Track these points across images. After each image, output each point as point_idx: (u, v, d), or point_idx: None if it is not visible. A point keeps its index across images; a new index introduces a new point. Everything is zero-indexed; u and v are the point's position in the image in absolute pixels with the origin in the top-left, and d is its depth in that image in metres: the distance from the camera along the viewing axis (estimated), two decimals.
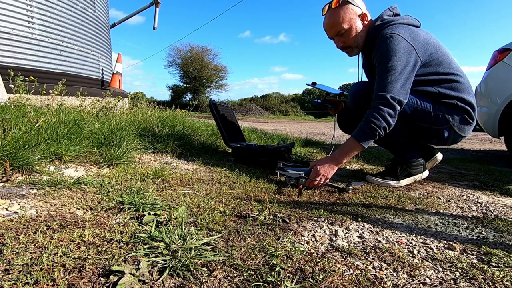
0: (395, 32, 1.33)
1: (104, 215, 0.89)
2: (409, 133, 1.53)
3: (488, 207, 1.23)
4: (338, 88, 2.15)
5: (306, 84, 1.86)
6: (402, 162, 1.56)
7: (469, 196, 1.40)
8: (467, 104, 1.43)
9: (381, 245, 0.82)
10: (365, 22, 1.46)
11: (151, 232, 0.77)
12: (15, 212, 0.85)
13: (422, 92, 1.44)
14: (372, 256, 0.76)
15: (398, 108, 1.30)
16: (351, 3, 1.41)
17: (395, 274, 0.67)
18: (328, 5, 1.46)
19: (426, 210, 1.16)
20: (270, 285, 0.60)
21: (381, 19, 1.44)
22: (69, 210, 0.90)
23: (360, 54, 1.62)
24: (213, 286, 0.59)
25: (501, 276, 0.67)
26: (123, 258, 0.65)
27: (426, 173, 1.63)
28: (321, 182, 1.35)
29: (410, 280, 0.65)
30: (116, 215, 0.90)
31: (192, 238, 0.75)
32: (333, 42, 1.54)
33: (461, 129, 1.46)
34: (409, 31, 1.35)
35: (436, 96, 1.43)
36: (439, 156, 1.69)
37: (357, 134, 1.35)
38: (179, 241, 0.73)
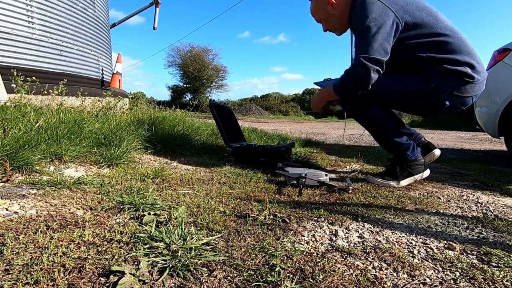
0: None
1: (104, 215, 0.89)
2: (417, 111, 1.55)
3: (488, 207, 1.23)
4: None
5: (314, 83, 1.90)
6: (401, 162, 1.56)
7: (469, 196, 1.40)
8: (461, 64, 1.35)
9: (381, 245, 0.82)
10: (335, 6, 1.49)
11: (151, 232, 0.77)
12: (15, 212, 0.85)
13: (411, 67, 1.42)
14: (372, 256, 0.76)
15: (372, 66, 1.28)
16: None
17: (395, 274, 0.67)
18: None
19: (426, 210, 1.16)
20: (270, 285, 0.60)
21: None
22: (69, 210, 0.90)
23: (351, 33, 1.63)
24: (213, 286, 0.59)
25: (501, 276, 0.67)
26: (123, 258, 0.65)
27: (427, 173, 1.60)
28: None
29: (410, 280, 0.65)
30: (116, 215, 0.90)
31: (192, 238, 0.75)
32: None
33: (464, 91, 1.38)
34: None
35: (425, 65, 1.39)
36: (437, 152, 1.71)
37: (335, 83, 1.47)
38: (179, 241, 0.73)
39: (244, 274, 0.63)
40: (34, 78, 2.31)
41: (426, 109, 1.51)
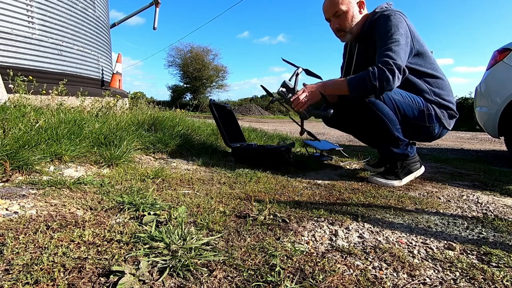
0: (396, 11, 1.44)
1: (104, 215, 0.89)
2: (404, 130, 1.58)
3: (488, 207, 1.23)
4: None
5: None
6: (402, 158, 1.58)
7: (469, 196, 1.40)
8: (450, 101, 1.56)
9: (381, 245, 0.82)
10: (362, 10, 1.55)
11: (151, 232, 0.77)
12: (15, 212, 0.85)
13: (416, 89, 1.53)
14: (372, 256, 0.76)
15: (399, 74, 1.33)
16: None
17: (395, 274, 0.67)
18: None
19: (426, 210, 1.16)
20: (270, 285, 0.60)
21: (379, 8, 1.54)
22: (69, 210, 0.90)
23: (349, 46, 1.71)
24: (213, 286, 0.59)
25: (501, 276, 0.67)
26: (123, 258, 0.65)
27: (422, 169, 1.67)
28: (306, 99, 1.42)
29: (410, 280, 0.65)
30: (116, 215, 0.90)
31: (192, 238, 0.75)
32: (329, 25, 1.60)
33: (449, 124, 1.59)
34: (406, 19, 1.46)
35: (427, 93, 1.52)
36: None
37: (352, 78, 1.39)
38: (179, 241, 0.73)
39: (244, 274, 0.63)
40: (31, 77, 2.31)
41: (417, 130, 1.58)
